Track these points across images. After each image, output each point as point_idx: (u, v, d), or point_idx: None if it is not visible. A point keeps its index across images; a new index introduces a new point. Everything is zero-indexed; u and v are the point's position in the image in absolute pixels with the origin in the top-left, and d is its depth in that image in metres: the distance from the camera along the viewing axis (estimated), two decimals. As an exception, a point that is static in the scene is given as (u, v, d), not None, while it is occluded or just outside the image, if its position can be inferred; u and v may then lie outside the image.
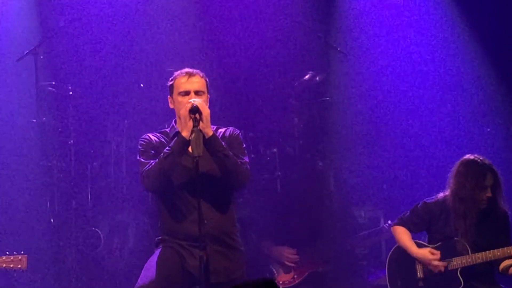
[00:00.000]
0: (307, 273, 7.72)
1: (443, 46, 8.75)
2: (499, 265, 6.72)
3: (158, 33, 8.40)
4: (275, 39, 8.47)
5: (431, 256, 6.80)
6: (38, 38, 8.16)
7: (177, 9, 8.49)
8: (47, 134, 8.12)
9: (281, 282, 7.56)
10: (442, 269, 6.76)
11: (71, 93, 8.14)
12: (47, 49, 8.18)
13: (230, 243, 6.32)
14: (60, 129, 8.15)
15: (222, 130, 6.41)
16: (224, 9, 8.49)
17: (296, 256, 7.77)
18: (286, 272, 7.71)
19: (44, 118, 8.09)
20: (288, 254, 7.75)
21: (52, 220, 7.92)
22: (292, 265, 7.74)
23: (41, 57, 7.97)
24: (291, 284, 7.61)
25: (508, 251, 6.61)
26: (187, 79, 6.28)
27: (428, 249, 6.87)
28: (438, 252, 6.81)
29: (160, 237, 6.44)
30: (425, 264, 6.83)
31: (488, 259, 6.67)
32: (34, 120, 8.07)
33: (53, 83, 8.12)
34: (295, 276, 7.69)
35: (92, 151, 8.26)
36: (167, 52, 8.16)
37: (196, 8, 8.53)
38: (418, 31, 8.82)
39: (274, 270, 7.63)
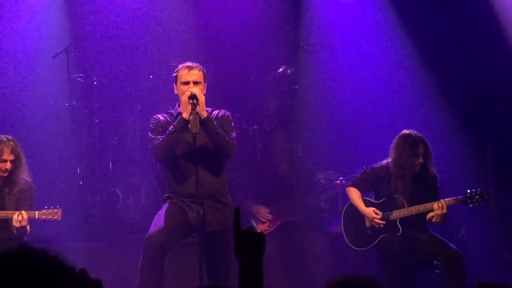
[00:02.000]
0: (279, 223, 7.76)
1: (388, 44, 8.68)
2: (428, 215, 6.67)
3: (164, 34, 8.36)
4: (256, 39, 8.43)
5: (374, 215, 6.77)
6: (69, 40, 8.16)
7: (178, 15, 8.42)
8: (77, 115, 8.17)
9: (259, 229, 7.52)
10: (382, 225, 6.75)
11: (95, 83, 8.18)
12: (76, 48, 8.19)
13: (222, 200, 6.40)
14: (87, 111, 8.18)
15: (215, 112, 6.45)
16: (217, 16, 8.46)
17: (269, 214, 7.80)
18: (263, 223, 7.75)
19: (74, 103, 8.13)
20: (264, 212, 7.78)
21: (81, 182, 8.00)
22: (267, 221, 7.78)
23: (72, 54, 8.00)
24: (267, 232, 7.61)
25: (435, 205, 6.59)
26: (188, 71, 6.33)
27: (372, 208, 6.83)
28: (380, 212, 6.79)
29: (166, 195, 6.51)
30: (369, 220, 6.84)
31: (420, 211, 6.67)
32: (67, 104, 8.08)
33: (81, 75, 8.16)
34: (270, 226, 7.74)
35: (112, 128, 8.26)
36: (171, 49, 8.13)
37: (194, 13, 8.46)
38: (368, 32, 8.75)
39: (253, 222, 7.66)
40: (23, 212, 6.37)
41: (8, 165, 6.47)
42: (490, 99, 8.56)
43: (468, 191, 6.69)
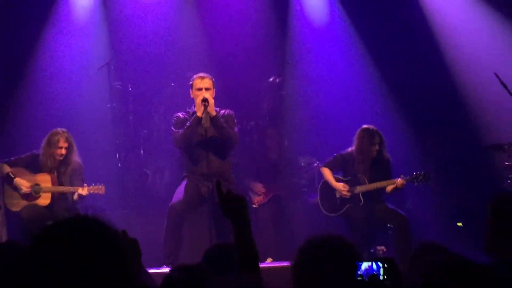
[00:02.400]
0: (271, 195, 7.69)
1: (352, 59, 8.63)
2: (385, 189, 6.73)
3: (182, 51, 8.27)
4: (252, 55, 8.35)
5: (343, 188, 6.78)
6: (110, 56, 8.12)
7: (192, 37, 8.36)
8: (115, 113, 8.11)
9: (256, 201, 7.61)
10: (348, 196, 6.78)
11: (130, 89, 8.10)
12: (115, 63, 8.14)
13: (227, 178, 6.39)
14: (123, 111, 8.10)
15: (222, 111, 6.45)
16: (223, 37, 8.38)
17: (263, 189, 7.71)
18: (258, 196, 7.66)
19: (114, 104, 8.05)
20: (259, 187, 7.70)
21: (119, 164, 7.96)
22: (261, 194, 7.71)
23: (112, 67, 7.97)
24: (262, 202, 7.64)
25: (390, 182, 6.69)
26: (201, 80, 6.34)
27: (341, 184, 6.83)
28: (347, 186, 6.79)
29: (184, 174, 6.53)
30: (339, 192, 6.84)
31: (377, 187, 6.73)
32: (108, 105, 8.03)
33: (119, 83, 8.07)
34: (264, 197, 7.66)
35: (142, 123, 8.17)
36: (188, 62, 8.05)
37: (204, 35, 8.38)
38: (337, 49, 8.68)
39: (251, 195, 7.60)
40: (85, 186, 6.48)
41: (63, 151, 6.52)
42: (428, 101, 8.51)
43: (414, 172, 6.70)
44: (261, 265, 2.82)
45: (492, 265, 2.93)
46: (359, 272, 2.66)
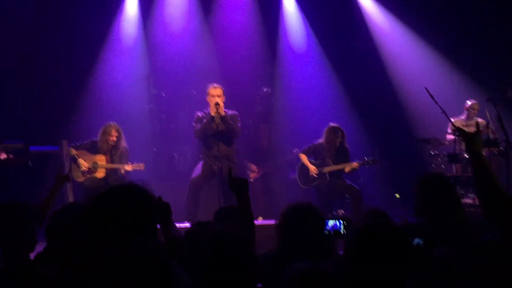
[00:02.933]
0: (262, 173, 7.65)
1: (323, 73, 8.61)
2: (344, 169, 6.66)
3: (200, 67, 8.17)
4: (249, 72, 8.31)
5: (314, 170, 6.72)
6: (149, 69, 8.09)
7: (208, 55, 8.28)
8: (153, 113, 8.06)
9: (251, 177, 7.56)
10: (316, 175, 6.72)
11: (164, 95, 8.03)
12: (153, 75, 8.10)
13: (232, 159, 6.37)
14: (158, 110, 8.03)
15: (229, 112, 6.39)
16: (230, 58, 8.31)
17: (256, 168, 7.66)
18: (253, 173, 7.61)
19: (151, 105, 8.02)
20: (254, 167, 7.67)
21: (154, 149, 7.91)
22: (255, 172, 7.67)
23: (150, 79, 7.95)
24: (256, 177, 7.59)
25: (348, 165, 6.64)
26: (214, 89, 6.31)
27: (313, 167, 6.76)
28: (316, 169, 6.72)
29: (201, 156, 6.49)
30: (311, 171, 6.75)
31: (339, 168, 6.68)
32: (147, 106, 8.01)
33: (156, 90, 8.00)
34: (257, 174, 7.61)
35: (172, 120, 8.09)
36: (205, 75, 7.85)
37: (217, 55, 8.31)
38: (312, 67, 8.67)
39: (248, 172, 7.55)
40: (129, 164, 6.48)
41: (114, 138, 6.50)
42: (376, 105, 8.52)
43: (365, 158, 6.73)
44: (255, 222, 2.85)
45: (418, 224, 2.99)
46: (327, 228, 2.72)
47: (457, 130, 6.29)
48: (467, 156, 6.74)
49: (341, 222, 2.78)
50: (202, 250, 2.01)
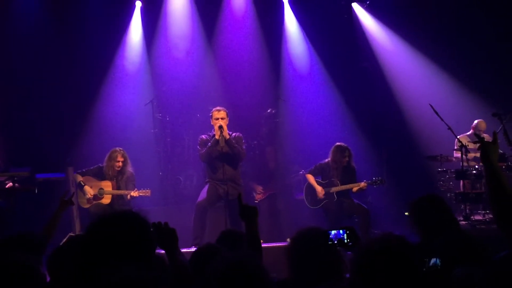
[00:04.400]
0: (268, 194, 7.68)
1: (328, 94, 8.62)
2: (352, 189, 6.62)
3: (203, 92, 8.20)
4: (255, 94, 8.33)
5: (321, 191, 6.67)
6: (153, 95, 8.10)
7: (212, 79, 8.29)
8: (157, 136, 8.06)
9: (257, 198, 7.52)
10: (323, 196, 6.68)
11: (167, 119, 8.05)
12: (157, 100, 8.09)
13: (237, 182, 6.36)
14: (163, 134, 8.04)
15: (234, 134, 6.38)
16: (234, 81, 8.34)
17: (262, 190, 7.63)
18: (259, 194, 7.58)
19: (156, 129, 8.07)
20: (259, 188, 7.64)
21: (160, 173, 7.88)
22: (261, 193, 7.63)
23: (155, 103, 7.93)
24: (261, 199, 7.55)
25: (356, 185, 6.59)
26: (218, 112, 6.30)
27: (320, 187, 6.70)
28: (323, 190, 6.66)
29: (207, 180, 6.47)
30: (318, 192, 6.69)
31: (347, 188, 6.64)
32: (152, 131, 8.06)
33: (160, 114, 8.02)
34: (262, 196, 7.58)
35: (177, 144, 8.09)
36: (209, 98, 7.95)
37: (220, 78, 8.32)
38: (316, 90, 8.64)
39: (254, 194, 7.54)
40: (136, 190, 6.42)
41: (120, 164, 6.49)
42: (383, 125, 8.52)
43: (373, 178, 6.68)
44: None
45: (417, 244, 2.99)
46: (330, 237, 2.71)
47: (465, 148, 6.31)
48: (475, 172, 6.69)
49: (344, 231, 2.76)
50: (214, 281, 1.94)
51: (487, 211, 6.81)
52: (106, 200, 6.53)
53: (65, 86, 7.87)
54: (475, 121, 7.47)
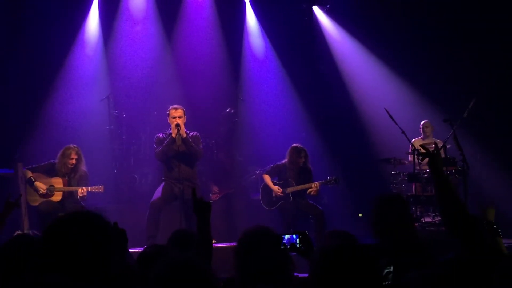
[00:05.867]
0: (223, 193, 7.58)
1: (286, 96, 8.69)
2: (307, 190, 6.63)
3: (161, 88, 8.10)
4: (214, 93, 8.28)
5: (277, 190, 6.72)
6: (109, 91, 7.94)
7: (171, 76, 8.20)
8: (113, 133, 7.92)
9: (212, 197, 7.44)
10: (280, 195, 6.73)
11: (124, 116, 7.93)
12: (113, 96, 7.94)
13: (193, 181, 6.29)
14: (118, 131, 7.91)
15: (191, 133, 6.34)
16: (193, 81, 8.26)
17: (218, 190, 7.57)
18: (214, 194, 7.52)
19: (112, 126, 7.89)
20: (215, 188, 7.59)
21: (115, 171, 7.75)
22: (216, 193, 7.58)
23: (111, 99, 7.79)
24: (217, 198, 7.49)
25: (313, 185, 6.58)
26: (175, 110, 6.25)
27: (277, 187, 6.75)
28: (281, 189, 6.71)
29: (162, 178, 6.42)
30: (274, 192, 6.74)
31: (302, 188, 6.66)
32: (107, 127, 7.87)
33: (116, 111, 7.89)
34: (218, 195, 7.52)
35: (133, 141, 7.97)
36: (166, 96, 7.76)
37: (179, 75, 8.21)
38: (274, 89, 8.71)
39: (211, 195, 7.45)
40: (84, 188, 6.26)
41: (73, 161, 6.33)
42: (339, 127, 8.64)
43: (328, 177, 6.71)
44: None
45: (375, 245, 2.96)
46: (283, 242, 2.72)
47: (417, 151, 6.46)
48: (426, 175, 6.86)
49: (297, 235, 2.77)
50: (157, 281, 1.89)
51: (437, 214, 6.99)
52: (57, 197, 6.35)
53: (16, 80, 7.64)
54: (422, 122, 7.69)
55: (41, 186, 6.30)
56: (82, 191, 6.22)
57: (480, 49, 8.12)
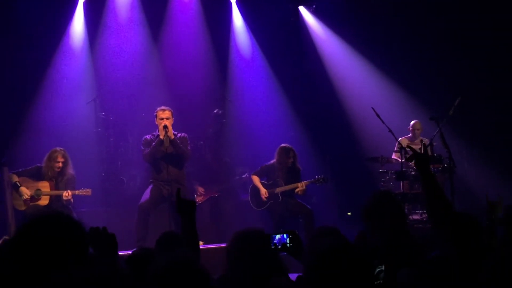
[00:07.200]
0: (209, 196, 7.47)
1: (274, 97, 8.68)
2: (296, 189, 6.66)
3: (149, 90, 8.06)
4: (201, 94, 8.27)
5: (264, 193, 6.73)
6: (96, 93, 7.89)
7: (158, 78, 8.17)
8: (100, 136, 7.87)
9: (198, 200, 7.34)
10: (268, 197, 6.73)
11: (111, 118, 7.86)
12: (100, 98, 7.86)
13: (181, 183, 6.26)
14: (105, 134, 7.84)
15: (179, 134, 6.34)
16: (181, 83, 8.21)
17: (204, 191, 7.46)
18: (200, 196, 7.41)
19: (99, 129, 7.83)
20: (201, 190, 7.46)
21: (103, 173, 7.69)
22: (202, 195, 7.47)
23: (97, 102, 7.73)
24: (202, 201, 7.40)
25: (299, 184, 6.64)
26: (162, 112, 6.26)
27: (264, 190, 6.76)
28: (267, 192, 6.73)
29: (150, 180, 6.41)
30: (262, 194, 6.74)
31: (291, 188, 6.69)
32: (94, 130, 7.82)
33: (103, 113, 7.82)
34: (203, 198, 7.42)
35: (120, 143, 7.93)
36: (154, 98, 7.75)
37: (168, 81, 8.18)
38: (261, 89, 8.70)
39: (196, 196, 7.37)
40: (69, 191, 6.25)
41: (60, 164, 6.30)
42: (328, 127, 8.66)
43: (316, 176, 6.75)
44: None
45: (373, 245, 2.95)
46: (273, 242, 2.73)
47: (404, 150, 6.50)
48: (413, 173, 6.90)
49: (288, 235, 2.79)
50: (154, 280, 1.85)
51: (424, 211, 7.03)
52: (44, 201, 6.31)
53: (1, 83, 7.54)
54: (412, 122, 7.71)
55: (26, 192, 6.24)
56: (67, 194, 6.18)
57: (464, 46, 8.19)
